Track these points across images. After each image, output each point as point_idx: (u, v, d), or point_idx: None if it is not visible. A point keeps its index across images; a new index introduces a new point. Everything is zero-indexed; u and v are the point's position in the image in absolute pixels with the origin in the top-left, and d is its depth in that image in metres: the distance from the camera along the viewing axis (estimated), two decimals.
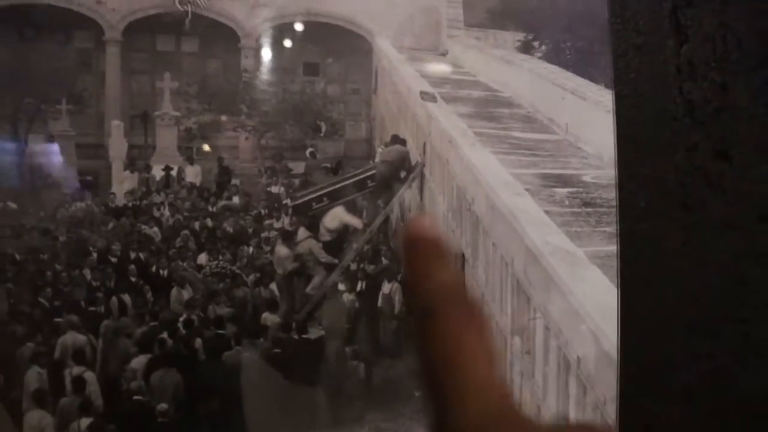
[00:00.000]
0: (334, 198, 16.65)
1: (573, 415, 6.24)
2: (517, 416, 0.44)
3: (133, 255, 18.43)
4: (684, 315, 0.74)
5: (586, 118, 11.58)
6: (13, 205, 20.67)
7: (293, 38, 29.64)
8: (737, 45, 0.65)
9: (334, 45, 29.60)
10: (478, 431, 0.43)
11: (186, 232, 20.04)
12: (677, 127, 0.71)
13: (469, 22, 28.28)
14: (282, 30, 29.89)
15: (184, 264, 18.06)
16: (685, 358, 0.68)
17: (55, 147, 26.49)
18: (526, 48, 26.30)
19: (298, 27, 29.45)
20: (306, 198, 17.23)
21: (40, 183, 23.82)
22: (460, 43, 25.07)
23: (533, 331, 7.36)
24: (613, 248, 1.29)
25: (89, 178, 25.93)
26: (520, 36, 27.49)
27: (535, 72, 15.76)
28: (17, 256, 17.78)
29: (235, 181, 25.62)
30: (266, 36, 29.97)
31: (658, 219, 0.73)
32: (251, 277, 17.36)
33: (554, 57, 22.91)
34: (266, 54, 29.97)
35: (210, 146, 28.41)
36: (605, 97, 10.97)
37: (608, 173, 8.97)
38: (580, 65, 18.90)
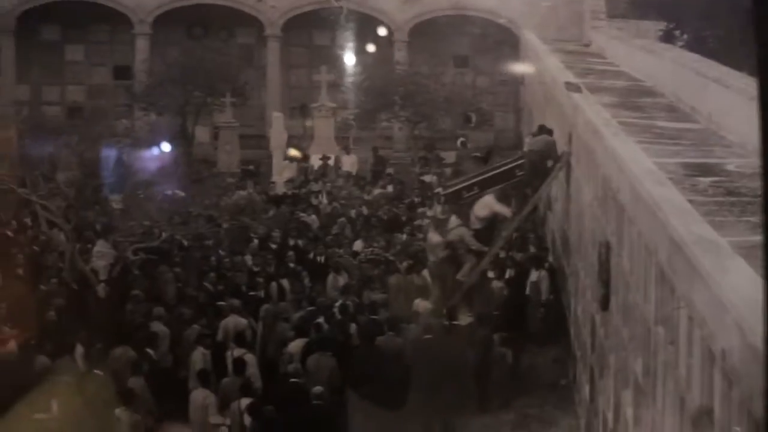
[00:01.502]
0: (484, 187, 16.59)
1: (718, 408, 6.07)
2: None
3: (291, 242, 18.86)
4: None
5: (729, 107, 11.18)
6: (181, 194, 21.44)
7: (442, 32, 29.68)
8: None
9: (482, 37, 29.51)
10: None
11: (342, 219, 20.39)
12: None
13: (611, 13, 27.89)
14: (431, 23, 30.00)
15: (341, 251, 18.36)
16: None
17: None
18: (667, 37, 25.74)
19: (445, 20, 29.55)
20: (457, 187, 17.23)
21: (205, 172, 24.64)
22: (602, 34, 24.63)
23: (677, 321, 7.18)
24: (758, 238, 1.28)
25: (251, 167, 26.66)
26: (662, 25, 26.91)
27: (677, 61, 15.34)
28: (185, 242, 18.39)
29: (389, 170, 25.91)
30: (416, 29, 30.14)
31: None
32: (404, 264, 17.48)
33: (696, 46, 22.34)
34: (417, 47, 30.11)
35: (363, 137, 28.78)
36: (749, 84, 10.53)
37: (752, 162, 8.62)
38: (723, 53, 18.31)
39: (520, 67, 28.04)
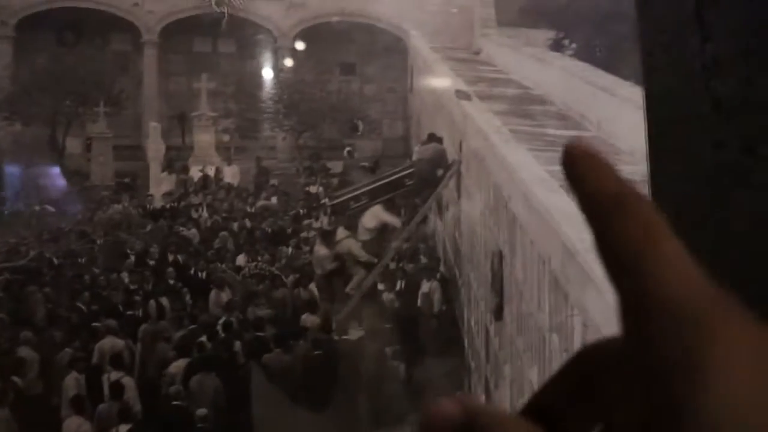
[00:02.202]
0: (372, 197, 16.67)
1: None
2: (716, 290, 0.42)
3: (171, 257, 18.56)
4: None
5: (617, 115, 11.58)
6: (50, 209, 20.89)
7: (328, 39, 29.75)
8: (762, 40, 0.66)
9: (369, 44, 29.69)
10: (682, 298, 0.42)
11: (224, 233, 20.16)
12: (705, 124, 0.73)
13: (501, 21, 28.56)
14: (317, 30, 30.03)
15: (223, 266, 18.16)
16: None
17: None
18: (557, 46, 26.63)
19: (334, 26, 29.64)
20: (344, 197, 17.28)
21: (77, 185, 24.09)
22: (492, 42, 25.16)
23: (571, 329, 7.31)
24: None
25: (127, 180, 26.17)
26: (551, 34, 27.75)
27: (567, 70, 15.81)
28: (55, 260, 17.93)
29: (273, 182, 25.75)
30: (301, 36, 30.14)
31: (690, 216, 0.75)
32: (290, 277, 17.40)
33: (585, 54, 23.20)
34: (302, 54, 30.10)
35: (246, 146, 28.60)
36: (635, 93, 10.95)
37: (641, 169, 8.83)
38: (610, 62, 19.05)
39: (408, 75, 28.30)
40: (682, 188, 0.78)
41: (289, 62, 29.83)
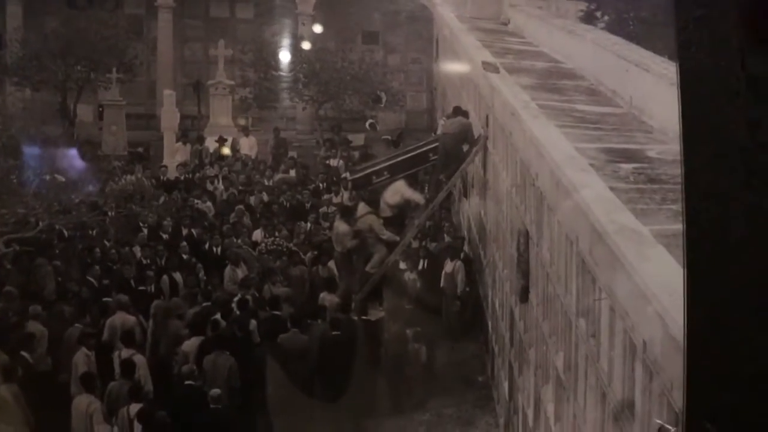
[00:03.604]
0: (394, 172, 16.69)
1: (639, 401, 6.28)
2: None
3: (185, 231, 18.70)
4: (751, 301, 0.75)
5: (650, 91, 11.54)
6: (61, 178, 20.99)
7: (351, 5, 29.71)
8: None
9: (393, 13, 29.64)
10: None
11: (240, 207, 20.25)
12: (740, 103, 0.72)
13: None
14: None
15: (239, 241, 18.23)
16: (752, 348, 0.71)
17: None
18: (588, 18, 26.42)
19: None
20: (366, 171, 17.30)
21: (89, 155, 24.19)
22: (522, 13, 25.06)
23: (598, 313, 7.39)
24: (678, 227, 1.35)
25: (140, 149, 26.28)
26: (583, 6, 27.54)
27: (598, 43, 15.74)
28: (65, 232, 18.04)
29: (291, 154, 25.84)
30: (323, 3, 30.11)
31: (721, 198, 0.74)
32: (309, 254, 17.51)
33: (617, 28, 23.03)
34: (323, 21, 30.10)
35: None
36: (669, 69, 10.89)
37: (673, 148, 8.90)
38: (644, 36, 18.91)
39: (433, 45, 28.23)
40: (715, 169, 0.77)
41: (309, 30, 29.84)
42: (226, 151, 25.08)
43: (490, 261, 15.19)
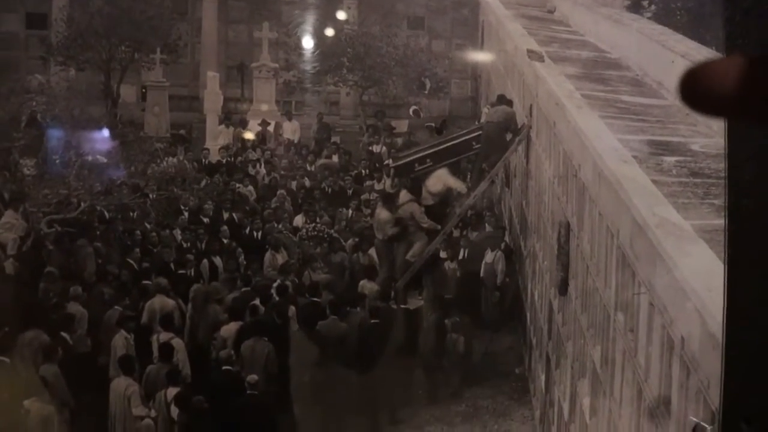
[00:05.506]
0: (437, 159, 16.73)
1: (675, 398, 6.32)
2: None
3: (226, 215, 18.84)
4: None
5: None
6: (103, 159, 21.20)
7: None
8: None
9: None
10: None
11: (282, 191, 20.38)
12: None
13: None
14: None
15: (280, 226, 18.34)
16: None
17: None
18: (635, 7, 26.18)
19: None
20: (409, 159, 17.35)
21: (131, 136, 24.40)
22: (568, 1, 24.94)
23: (637, 308, 7.43)
24: (720, 222, 1.41)
25: (182, 131, 26.48)
26: None
27: (645, 33, 15.64)
28: (106, 214, 18.19)
29: (334, 139, 25.93)
30: None
31: (765, 194, 0.77)
32: (349, 241, 17.59)
33: (664, 18, 22.86)
34: (369, 5, 30.12)
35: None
36: None
37: (717, 142, 8.91)
38: (691, 27, 18.74)
39: (479, 32, 28.15)
40: (759, 165, 0.79)
41: (354, 13, 29.87)
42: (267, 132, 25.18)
43: (530, 252, 15.22)
